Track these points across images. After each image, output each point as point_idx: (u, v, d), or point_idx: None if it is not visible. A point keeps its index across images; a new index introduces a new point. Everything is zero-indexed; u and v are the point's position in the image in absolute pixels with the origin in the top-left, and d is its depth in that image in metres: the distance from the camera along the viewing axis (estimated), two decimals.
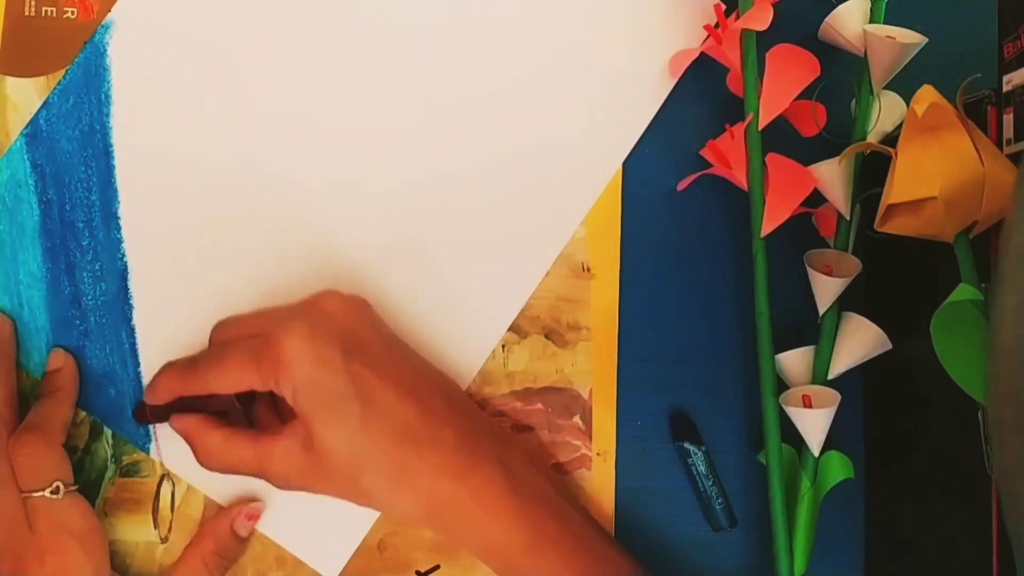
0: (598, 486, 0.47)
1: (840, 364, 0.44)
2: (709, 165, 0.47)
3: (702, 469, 0.47)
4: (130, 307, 0.47)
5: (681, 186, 0.48)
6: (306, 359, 0.39)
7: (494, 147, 0.48)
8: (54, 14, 0.48)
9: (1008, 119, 0.38)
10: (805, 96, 0.44)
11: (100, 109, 0.48)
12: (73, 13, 0.48)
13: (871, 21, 0.45)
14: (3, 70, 0.48)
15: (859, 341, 0.44)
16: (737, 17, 0.45)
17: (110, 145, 0.47)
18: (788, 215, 0.44)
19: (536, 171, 0.48)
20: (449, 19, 0.49)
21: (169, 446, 0.46)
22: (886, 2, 0.45)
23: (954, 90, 0.38)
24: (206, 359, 0.42)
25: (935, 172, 0.37)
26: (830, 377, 0.45)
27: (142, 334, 0.47)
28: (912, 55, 0.43)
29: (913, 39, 0.43)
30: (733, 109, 0.46)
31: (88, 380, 0.46)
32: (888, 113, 0.45)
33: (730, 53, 0.45)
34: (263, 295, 0.46)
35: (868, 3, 0.45)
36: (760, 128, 0.44)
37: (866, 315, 0.44)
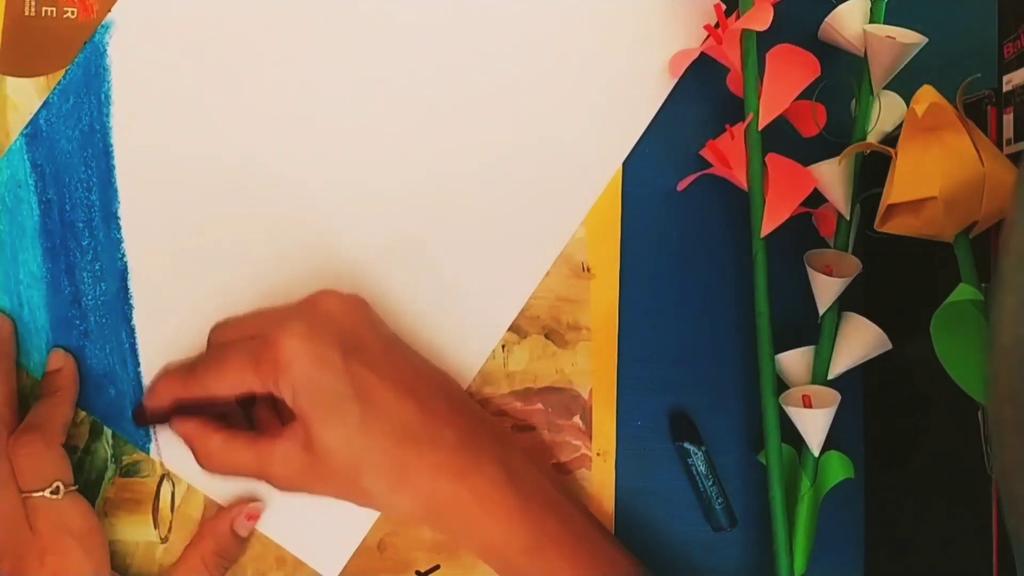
0: (598, 486, 0.47)
1: (840, 364, 0.44)
2: (709, 165, 0.47)
3: (702, 469, 0.47)
4: (130, 307, 0.47)
5: (681, 186, 0.48)
6: (305, 359, 0.39)
7: (494, 147, 0.48)
8: (54, 14, 0.48)
9: (1008, 119, 0.38)
10: (805, 96, 0.44)
11: (100, 109, 0.48)
12: (73, 13, 0.48)
13: (871, 21, 0.45)
14: (3, 70, 0.48)
15: (859, 341, 0.44)
16: (737, 17, 0.45)
17: (110, 145, 0.47)
18: (788, 215, 0.44)
19: (536, 171, 0.48)
20: (449, 19, 0.49)
21: (169, 446, 0.46)
22: (886, 2, 0.45)
23: (954, 90, 0.38)
24: (205, 362, 0.42)
25: (935, 172, 0.37)
26: (830, 377, 0.45)
27: (142, 334, 0.47)
28: (912, 55, 0.43)
29: (913, 39, 0.43)
30: (733, 109, 0.46)
31: (88, 380, 0.46)
32: (888, 113, 0.45)
33: (730, 53, 0.45)
34: (263, 295, 0.46)
35: (868, 3, 0.45)
36: (760, 128, 0.44)
37: (866, 315, 0.44)
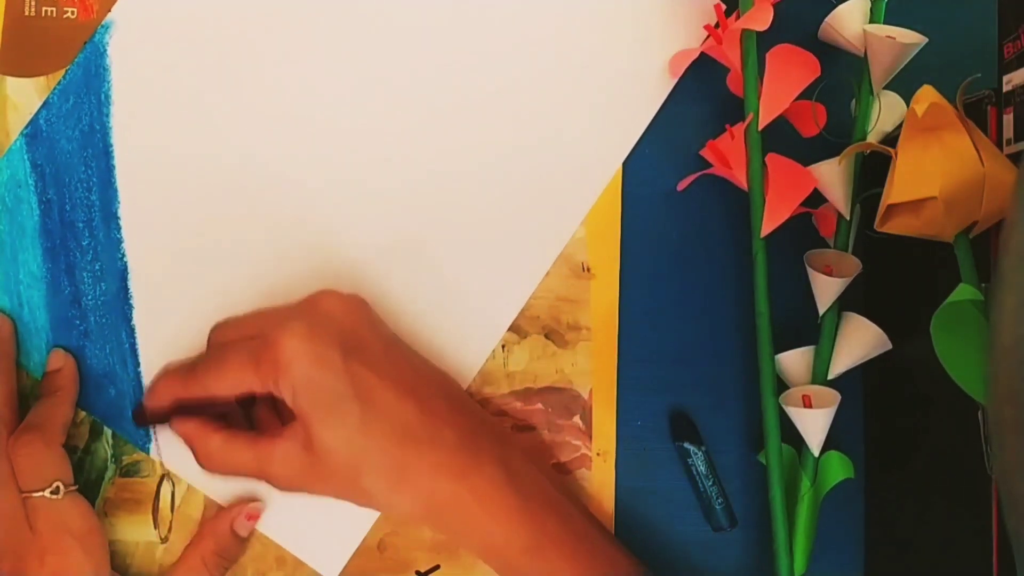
0: (598, 486, 0.47)
1: (840, 364, 0.44)
2: (709, 165, 0.47)
3: (702, 469, 0.47)
4: (130, 307, 0.47)
5: (681, 186, 0.48)
6: (305, 359, 0.39)
7: (494, 147, 0.48)
8: (54, 14, 0.48)
9: (1008, 119, 0.38)
10: (805, 96, 0.44)
11: (100, 109, 0.48)
12: (73, 13, 0.48)
13: (871, 21, 0.45)
14: (3, 70, 0.48)
15: (859, 341, 0.44)
16: (737, 17, 0.45)
17: (110, 145, 0.47)
18: (788, 215, 0.44)
19: (536, 171, 0.48)
20: (449, 19, 0.49)
21: (169, 446, 0.46)
22: (886, 2, 0.45)
23: (954, 90, 0.38)
24: (205, 362, 0.42)
25: (935, 172, 0.37)
26: (830, 377, 0.45)
27: (142, 334, 0.47)
28: (912, 55, 0.43)
29: (913, 39, 0.43)
30: (733, 109, 0.46)
31: (88, 380, 0.46)
32: (888, 113, 0.45)
33: (730, 53, 0.45)
34: (263, 295, 0.46)
35: (868, 3, 0.45)
36: (760, 128, 0.44)
37: (866, 315, 0.44)
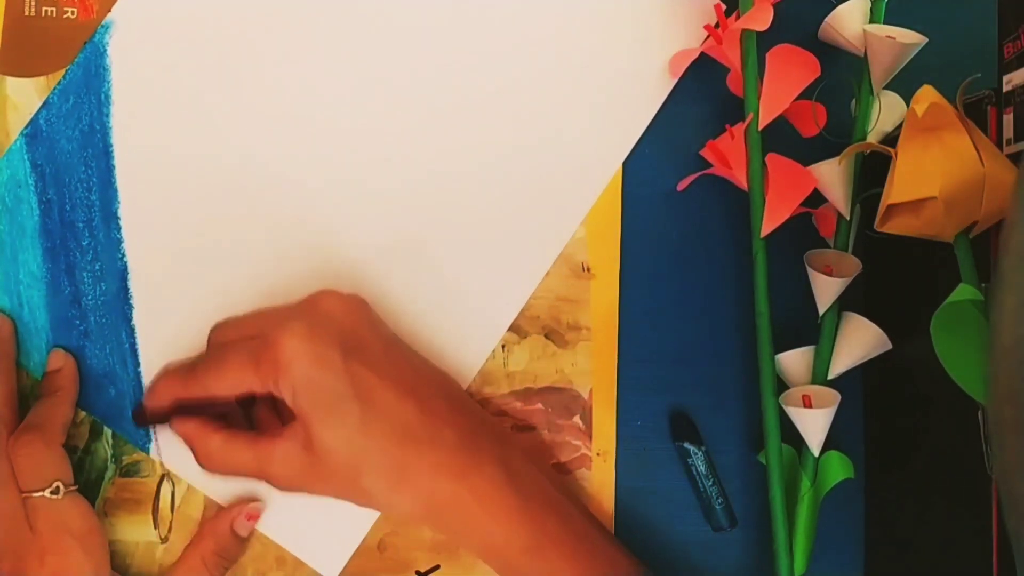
0: (598, 486, 0.47)
1: (840, 364, 0.44)
2: (709, 165, 0.47)
3: (702, 469, 0.47)
4: (130, 307, 0.47)
5: (681, 186, 0.48)
6: (305, 359, 0.39)
7: (494, 147, 0.48)
8: (54, 14, 0.48)
9: (1008, 119, 0.38)
10: (805, 96, 0.44)
11: (100, 109, 0.48)
12: (73, 13, 0.48)
13: (871, 21, 0.45)
14: (3, 70, 0.48)
15: (859, 341, 0.44)
16: (737, 17, 0.45)
17: (110, 145, 0.47)
18: (788, 215, 0.44)
19: (536, 171, 0.48)
20: (449, 19, 0.49)
21: (169, 446, 0.46)
22: (886, 2, 0.45)
23: (954, 90, 0.38)
24: (205, 362, 0.42)
25: (935, 172, 0.37)
26: (830, 377, 0.45)
27: (142, 334, 0.47)
28: (912, 55, 0.43)
29: (913, 39, 0.43)
30: (733, 109, 0.46)
31: (88, 380, 0.46)
32: (888, 113, 0.45)
33: (730, 53, 0.45)
34: (263, 295, 0.46)
35: (868, 3, 0.45)
36: (760, 128, 0.44)
37: (866, 315, 0.44)
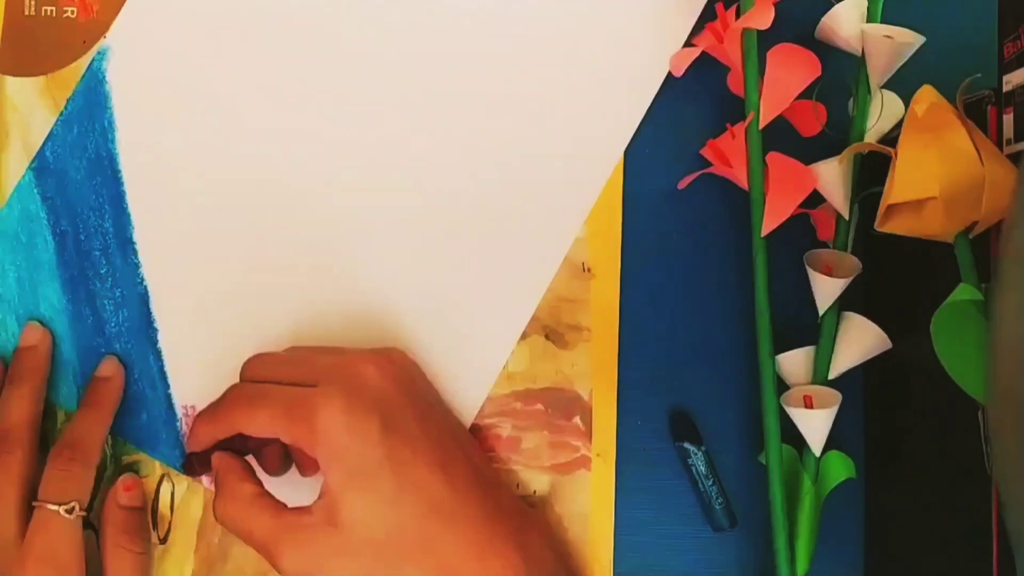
0: (598, 486, 0.47)
1: (840, 364, 0.44)
2: (709, 164, 0.47)
3: (702, 469, 0.46)
4: (155, 331, 0.47)
5: (681, 185, 0.48)
6: (344, 432, 0.39)
7: (494, 154, 0.48)
8: (54, 14, 0.48)
9: (1008, 119, 0.38)
10: (804, 96, 0.44)
11: (105, 136, 0.47)
12: (73, 13, 0.48)
13: (869, 20, 0.45)
14: (3, 70, 0.48)
15: (859, 341, 0.44)
16: (738, 16, 0.45)
17: (118, 171, 0.47)
18: (788, 214, 0.44)
19: (537, 176, 0.48)
20: (449, 19, 0.49)
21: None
22: (883, 1, 0.45)
23: (954, 90, 0.38)
24: (236, 400, 0.42)
25: (935, 172, 0.37)
26: (830, 377, 0.45)
27: (169, 356, 0.47)
28: (910, 54, 0.43)
29: (911, 38, 0.43)
30: (733, 108, 0.46)
31: (119, 406, 0.46)
32: (886, 113, 0.45)
33: (731, 52, 0.45)
34: (287, 310, 0.47)
35: (866, 2, 0.45)
36: (761, 127, 0.44)
37: (866, 315, 0.44)
